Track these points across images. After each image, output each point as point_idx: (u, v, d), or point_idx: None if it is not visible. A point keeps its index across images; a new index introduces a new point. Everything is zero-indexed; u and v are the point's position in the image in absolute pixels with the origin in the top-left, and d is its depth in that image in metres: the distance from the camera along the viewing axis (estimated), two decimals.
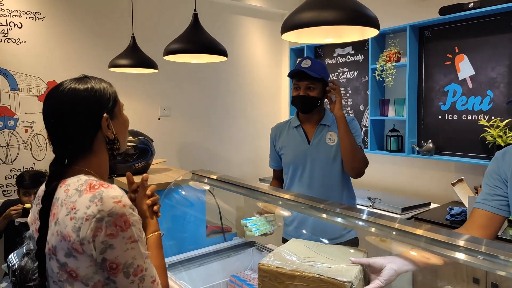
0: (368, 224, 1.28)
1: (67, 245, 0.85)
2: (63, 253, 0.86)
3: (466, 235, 1.07)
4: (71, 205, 0.87)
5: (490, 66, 2.72)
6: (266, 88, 4.28)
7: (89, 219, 0.83)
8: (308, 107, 1.92)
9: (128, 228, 0.86)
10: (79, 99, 0.94)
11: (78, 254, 0.84)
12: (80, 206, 0.85)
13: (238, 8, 3.99)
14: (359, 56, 3.58)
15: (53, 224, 0.88)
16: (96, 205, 0.84)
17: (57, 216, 0.88)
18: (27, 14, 2.91)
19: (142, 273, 0.88)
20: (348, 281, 1.08)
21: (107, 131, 0.98)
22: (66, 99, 0.93)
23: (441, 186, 3.11)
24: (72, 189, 0.90)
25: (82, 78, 0.99)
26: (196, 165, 3.68)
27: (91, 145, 0.97)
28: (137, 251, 0.87)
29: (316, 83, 1.88)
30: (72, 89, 0.94)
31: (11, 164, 2.89)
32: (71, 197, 0.88)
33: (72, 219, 0.85)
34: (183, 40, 2.12)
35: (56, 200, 0.90)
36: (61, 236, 0.86)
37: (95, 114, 0.95)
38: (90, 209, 0.84)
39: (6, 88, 2.86)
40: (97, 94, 0.97)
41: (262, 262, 1.23)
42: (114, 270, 0.85)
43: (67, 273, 0.86)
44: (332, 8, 1.19)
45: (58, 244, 0.86)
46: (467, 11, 2.72)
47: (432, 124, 3.07)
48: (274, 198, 1.62)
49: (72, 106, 0.93)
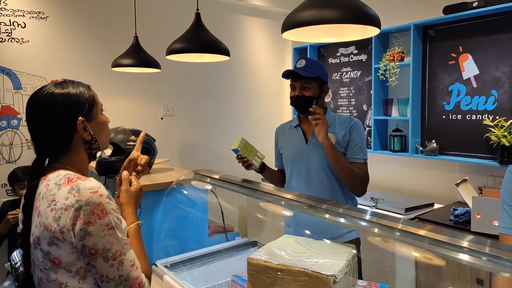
0: (371, 224, 1.28)
1: (49, 234, 0.92)
2: (46, 242, 0.93)
3: (469, 235, 1.06)
4: (51, 197, 0.94)
5: (495, 66, 2.70)
6: (269, 88, 4.28)
7: (68, 209, 0.90)
8: (304, 107, 1.90)
9: (105, 216, 0.92)
10: (55, 103, 1.00)
11: (59, 242, 0.91)
12: (60, 198, 0.92)
13: (240, 8, 3.99)
14: (363, 55, 3.56)
15: (36, 217, 0.96)
16: (74, 196, 0.91)
17: (39, 209, 0.96)
18: (30, 14, 2.92)
19: (120, 257, 0.94)
20: (331, 274, 1.12)
21: (83, 133, 1.04)
22: (44, 103, 1.00)
23: (445, 187, 3.09)
24: (52, 183, 0.97)
25: (61, 83, 1.05)
26: (198, 164, 3.68)
27: (69, 145, 1.04)
28: (114, 237, 0.94)
29: (311, 82, 1.86)
30: (49, 93, 1.01)
31: (14, 164, 2.90)
32: (51, 191, 0.95)
33: (52, 210, 0.92)
34: (186, 39, 2.12)
35: (38, 195, 0.98)
36: (43, 226, 0.93)
37: (71, 117, 1.02)
38: (68, 200, 0.91)
39: (10, 87, 2.87)
40: (73, 98, 1.02)
41: (251, 257, 1.28)
42: (94, 255, 0.91)
43: (51, 261, 0.93)
44: (333, 7, 1.18)
45: (41, 234, 0.93)
46: (471, 10, 2.70)
47: (436, 124, 3.06)
48: (276, 198, 1.61)
49: (49, 109, 1.00)
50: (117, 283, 0.94)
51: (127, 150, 2.46)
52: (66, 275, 0.93)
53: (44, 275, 0.96)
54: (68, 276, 0.93)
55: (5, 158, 2.87)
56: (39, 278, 0.98)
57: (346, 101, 3.72)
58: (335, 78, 3.82)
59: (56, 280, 0.94)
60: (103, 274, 0.93)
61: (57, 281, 0.94)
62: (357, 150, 1.91)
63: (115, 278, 0.94)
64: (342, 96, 3.76)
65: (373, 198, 2.95)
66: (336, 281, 1.13)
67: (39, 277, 0.98)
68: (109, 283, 0.94)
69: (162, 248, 1.98)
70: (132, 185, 1.19)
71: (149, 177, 2.27)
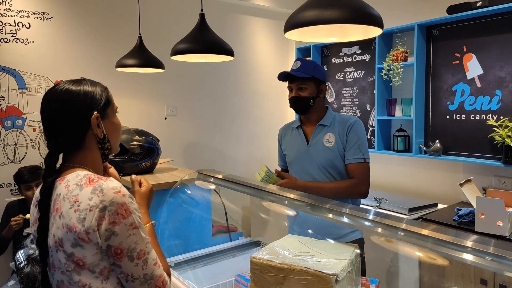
0: (375, 224, 1.28)
1: (73, 235, 0.91)
2: (70, 244, 0.92)
3: (473, 235, 1.06)
4: (73, 198, 0.93)
5: (499, 66, 2.69)
6: (272, 88, 4.28)
7: (92, 210, 0.90)
8: (301, 108, 1.92)
9: (129, 216, 0.93)
10: (70, 97, 1.00)
11: (84, 243, 0.91)
12: (83, 199, 0.92)
13: (244, 8, 3.99)
14: (366, 55, 3.56)
15: (57, 218, 0.94)
16: (98, 196, 0.91)
17: (60, 210, 0.94)
18: (35, 15, 2.93)
19: (144, 256, 0.95)
20: (333, 273, 1.12)
21: (96, 129, 1.03)
22: (59, 98, 1.00)
23: (449, 187, 3.08)
24: (72, 184, 0.96)
25: (78, 80, 1.06)
26: (202, 164, 3.68)
27: (82, 142, 1.03)
28: (138, 236, 0.94)
29: (307, 82, 1.88)
30: (65, 89, 1.01)
31: (19, 163, 2.92)
32: (72, 192, 0.94)
33: (76, 211, 0.91)
34: (190, 40, 2.13)
35: (58, 196, 0.96)
36: (67, 228, 0.92)
37: (85, 112, 1.01)
38: (92, 200, 0.91)
39: (15, 87, 2.89)
40: (89, 95, 1.03)
41: (254, 256, 1.29)
42: (119, 255, 0.92)
43: (74, 263, 0.92)
44: (335, 7, 1.18)
45: (64, 236, 0.92)
46: (475, 9, 2.69)
47: (439, 124, 3.05)
48: (280, 198, 1.62)
49: (63, 104, 1.00)
50: (141, 282, 0.95)
51: (131, 150, 2.47)
52: (89, 276, 0.93)
53: (65, 277, 0.95)
54: (91, 277, 0.93)
55: (10, 158, 2.89)
56: (58, 281, 0.98)
57: (350, 101, 3.72)
58: (338, 78, 3.82)
59: (80, 281, 0.93)
60: (129, 274, 0.94)
61: (80, 282, 0.93)
62: (356, 149, 1.90)
63: (140, 277, 0.95)
64: (345, 96, 3.76)
65: (376, 198, 2.95)
66: (338, 280, 1.13)
67: (59, 280, 0.97)
68: (134, 282, 0.95)
69: (166, 247, 1.99)
70: (143, 186, 1.20)
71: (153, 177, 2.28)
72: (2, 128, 2.86)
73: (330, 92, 3.90)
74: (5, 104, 2.86)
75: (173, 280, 1.73)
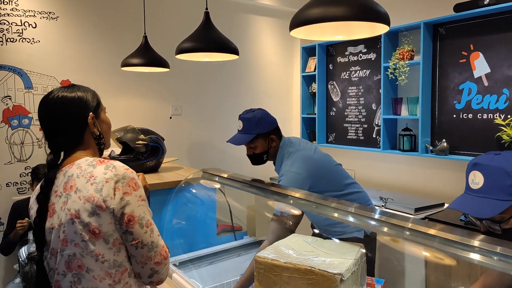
0: (381, 223, 1.27)
1: (91, 205, 1.02)
2: (87, 214, 1.02)
3: (480, 235, 1.05)
4: (88, 174, 1.05)
5: (506, 64, 2.66)
6: (277, 87, 4.27)
7: (108, 181, 1.03)
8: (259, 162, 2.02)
9: (138, 189, 1.07)
10: (67, 103, 1.13)
11: (101, 212, 1.02)
12: (98, 174, 1.05)
13: (249, 7, 3.99)
14: (372, 54, 3.54)
15: (72, 194, 1.04)
16: (111, 171, 1.05)
17: (75, 186, 1.05)
18: (41, 14, 2.95)
19: (151, 225, 1.08)
20: (338, 273, 1.12)
21: (93, 128, 1.17)
22: (57, 104, 1.13)
23: (456, 186, 3.05)
24: (85, 165, 1.08)
25: (70, 86, 1.18)
26: (207, 163, 3.68)
27: (81, 140, 1.16)
28: (146, 208, 1.08)
29: (254, 142, 1.96)
30: (61, 96, 1.14)
31: (25, 162, 2.94)
32: (86, 170, 1.07)
33: (93, 184, 1.04)
34: (195, 38, 2.13)
35: (70, 176, 1.07)
36: (84, 199, 1.03)
37: (82, 113, 1.15)
38: (107, 174, 1.04)
39: (21, 87, 2.90)
40: (83, 99, 1.16)
41: (258, 255, 1.29)
42: (131, 222, 1.04)
43: (91, 232, 1.02)
44: (341, 4, 1.17)
45: (82, 206, 1.02)
46: (483, 7, 2.66)
47: (446, 123, 3.02)
48: (284, 197, 1.61)
49: (62, 109, 1.12)
50: (149, 248, 1.07)
51: (136, 149, 2.47)
52: (103, 247, 1.03)
53: (79, 249, 1.03)
54: (105, 248, 1.04)
55: (16, 157, 2.91)
56: (70, 256, 1.04)
57: (355, 100, 3.70)
58: (343, 77, 3.80)
59: (94, 251, 1.03)
60: (139, 240, 1.05)
61: (94, 252, 1.03)
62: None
63: (148, 244, 1.06)
64: (350, 95, 3.74)
65: (382, 198, 2.93)
66: (343, 280, 1.12)
67: (71, 254, 1.04)
68: (143, 248, 1.06)
69: (170, 246, 1.98)
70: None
71: (158, 176, 2.28)
72: (9, 127, 2.87)
73: (336, 91, 3.88)
74: (12, 104, 2.88)
75: (177, 279, 1.73)
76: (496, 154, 1.14)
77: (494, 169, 1.10)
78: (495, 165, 1.10)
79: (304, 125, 4.18)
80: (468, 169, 1.16)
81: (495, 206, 1.07)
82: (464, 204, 1.14)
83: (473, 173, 1.15)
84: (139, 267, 1.08)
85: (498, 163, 1.10)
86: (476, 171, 1.13)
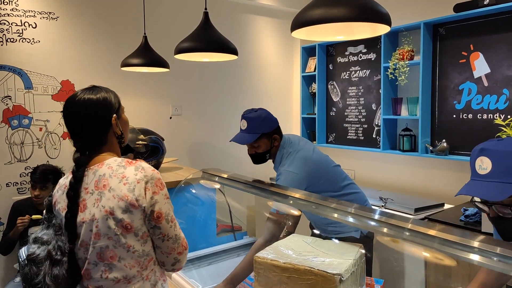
0: (380, 224, 1.27)
1: (124, 203, 1.12)
2: (121, 211, 1.12)
3: (480, 235, 1.05)
4: (120, 175, 1.15)
5: (506, 64, 2.66)
6: (277, 87, 4.27)
7: (140, 182, 1.14)
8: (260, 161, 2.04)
9: (164, 188, 1.19)
10: (93, 104, 1.21)
11: (133, 209, 1.13)
12: (129, 174, 1.15)
13: (249, 7, 3.99)
14: (372, 54, 3.54)
15: (106, 192, 1.14)
16: (141, 172, 1.15)
17: (109, 185, 1.14)
18: (41, 14, 2.95)
19: (174, 221, 1.21)
20: (337, 273, 1.11)
21: (116, 128, 1.25)
22: (83, 106, 1.20)
23: (456, 187, 3.05)
24: (115, 165, 1.17)
25: (92, 88, 1.25)
26: (207, 164, 3.68)
27: (105, 139, 1.24)
28: (170, 205, 1.20)
29: (258, 141, 1.98)
30: (87, 98, 1.21)
31: (25, 162, 2.94)
32: (117, 170, 1.16)
33: (125, 184, 1.13)
34: (194, 38, 2.12)
35: (102, 176, 1.16)
36: (118, 198, 1.13)
37: (107, 115, 1.23)
38: (137, 176, 1.14)
39: (21, 87, 2.90)
40: (106, 101, 1.24)
41: (258, 255, 1.29)
42: (159, 218, 1.16)
43: (123, 227, 1.13)
44: (342, 5, 1.17)
45: (116, 204, 1.12)
46: (483, 7, 2.66)
47: (446, 123, 3.02)
48: (284, 197, 1.61)
49: (88, 111, 1.20)
50: (173, 240, 1.20)
51: (136, 149, 2.47)
52: (133, 239, 1.15)
53: (112, 242, 1.14)
54: (135, 240, 1.15)
55: (16, 157, 2.91)
56: (102, 247, 1.15)
57: (355, 100, 3.70)
58: (343, 77, 3.80)
59: (126, 243, 1.14)
60: (165, 234, 1.18)
61: (126, 244, 1.14)
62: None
63: (172, 237, 1.20)
64: (350, 95, 3.74)
65: (382, 198, 2.93)
66: (342, 280, 1.12)
67: (103, 246, 1.14)
68: (168, 241, 1.19)
69: None
70: None
71: None
72: (9, 127, 2.87)
73: (336, 91, 3.88)
74: (12, 104, 2.88)
75: (177, 279, 1.73)
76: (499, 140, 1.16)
77: (502, 153, 1.11)
78: (502, 149, 1.12)
79: (304, 125, 4.18)
80: (474, 156, 1.17)
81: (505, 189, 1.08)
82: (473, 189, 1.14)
83: (480, 159, 1.15)
84: (164, 257, 1.21)
85: (505, 147, 1.12)
86: (483, 157, 1.14)
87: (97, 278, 1.16)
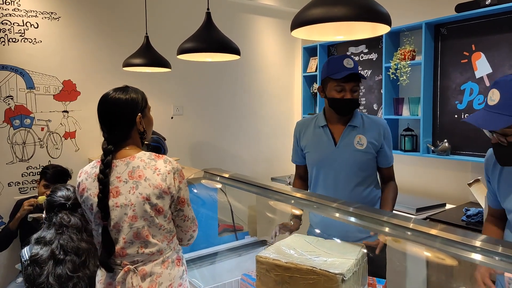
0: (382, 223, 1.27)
1: (159, 191, 1.34)
2: (155, 197, 1.34)
3: (482, 235, 1.04)
4: (153, 167, 1.36)
5: (508, 64, 2.66)
6: (278, 87, 4.27)
7: (170, 173, 1.37)
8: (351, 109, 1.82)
9: (184, 177, 1.42)
10: (121, 103, 1.39)
11: (165, 195, 1.36)
12: (161, 167, 1.37)
13: (250, 7, 3.99)
14: (373, 54, 3.54)
15: (142, 181, 1.34)
16: (169, 165, 1.38)
17: (144, 175, 1.35)
18: (43, 14, 2.95)
19: (190, 204, 1.47)
20: (339, 273, 1.11)
21: (139, 126, 1.43)
22: (114, 103, 1.39)
23: (457, 187, 3.05)
24: (146, 159, 1.38)
25: (124, 88, 1.45)
26: (208, 163, 3.69)
27: (130, 134, 1.42)
28: (188, 191, 1.45)
29: (359, 84, 1.81)
30: (118, 97, 1.40)
31: (27, 162, 2.94)
32: (149, 163, 1.37)
33: (158, 174, 1.35)
34: (196, 39, 2.12)
35: (136, 167, 1.36)
36: (153, 186, 1.34)
37: (133, 114, 1.41)
38: (167, 168, 1.37)
39: (23, 87, 2.91)
40: (134, 101, 1.42)
41: (260, 254, 1.29)
42: (183, 202, 1.43)
43: (156, 210, 1.36)
44: (343, 4, 1.17)
45: (151, 192, 1.34)
46: (484, 8, 2.66)
47: (448, 123, 3.02)
48: (286, 197, 1.61)
49: (117, 109, 1.39)
50: (191, 220, 1.48)
51: None
52: (163, 220, 1.38)
53: (147, 222, 1.35)
54: (163, 220, 1.39)
55: (18, 157, 2.92)
56: (139, 228, 1.35)
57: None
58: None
59: (158, 223, 1.37)
60: (186, 215, 1.45)
61: (158, 224, 1.37)
62: (390, 153, 1.89)
63: (191, 218, 1.48)
64: None
65: None
66: (344, 280, 1.12)
67: (140, 226, 1.35)
68: (188, 221, 1.46)
69: None
70: None
71: None
72: (11, 127, 2.88)
73: None
74: (14, 103, 2.89)
75: None
76: None
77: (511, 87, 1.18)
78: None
79: None
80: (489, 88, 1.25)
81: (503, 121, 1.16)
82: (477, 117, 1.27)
83: (492, 91, 1.23)
84: (183, 234, 1.48)
85: None
86: (495, 89, 1.22)
87: (133, 254, 1.36)
